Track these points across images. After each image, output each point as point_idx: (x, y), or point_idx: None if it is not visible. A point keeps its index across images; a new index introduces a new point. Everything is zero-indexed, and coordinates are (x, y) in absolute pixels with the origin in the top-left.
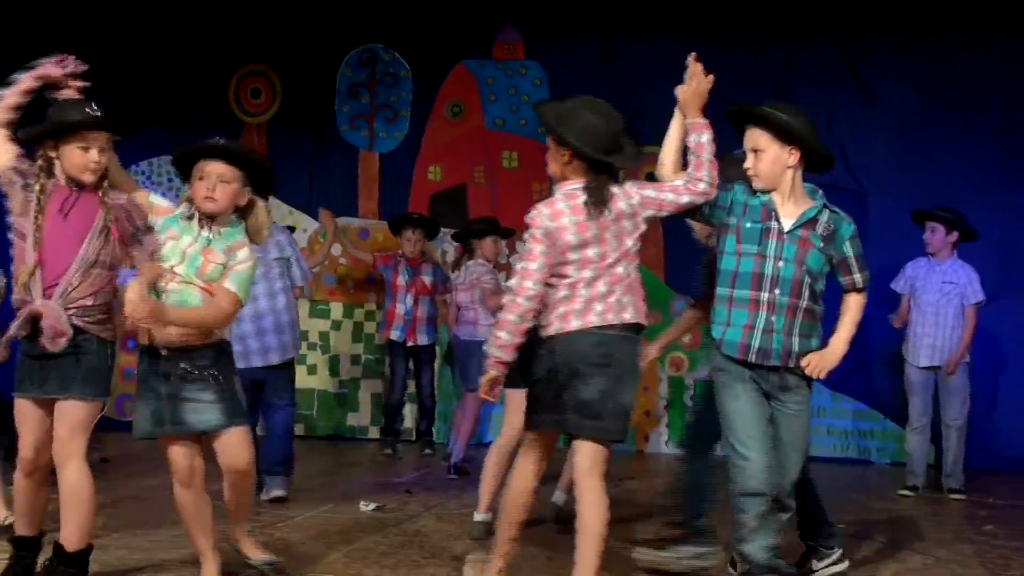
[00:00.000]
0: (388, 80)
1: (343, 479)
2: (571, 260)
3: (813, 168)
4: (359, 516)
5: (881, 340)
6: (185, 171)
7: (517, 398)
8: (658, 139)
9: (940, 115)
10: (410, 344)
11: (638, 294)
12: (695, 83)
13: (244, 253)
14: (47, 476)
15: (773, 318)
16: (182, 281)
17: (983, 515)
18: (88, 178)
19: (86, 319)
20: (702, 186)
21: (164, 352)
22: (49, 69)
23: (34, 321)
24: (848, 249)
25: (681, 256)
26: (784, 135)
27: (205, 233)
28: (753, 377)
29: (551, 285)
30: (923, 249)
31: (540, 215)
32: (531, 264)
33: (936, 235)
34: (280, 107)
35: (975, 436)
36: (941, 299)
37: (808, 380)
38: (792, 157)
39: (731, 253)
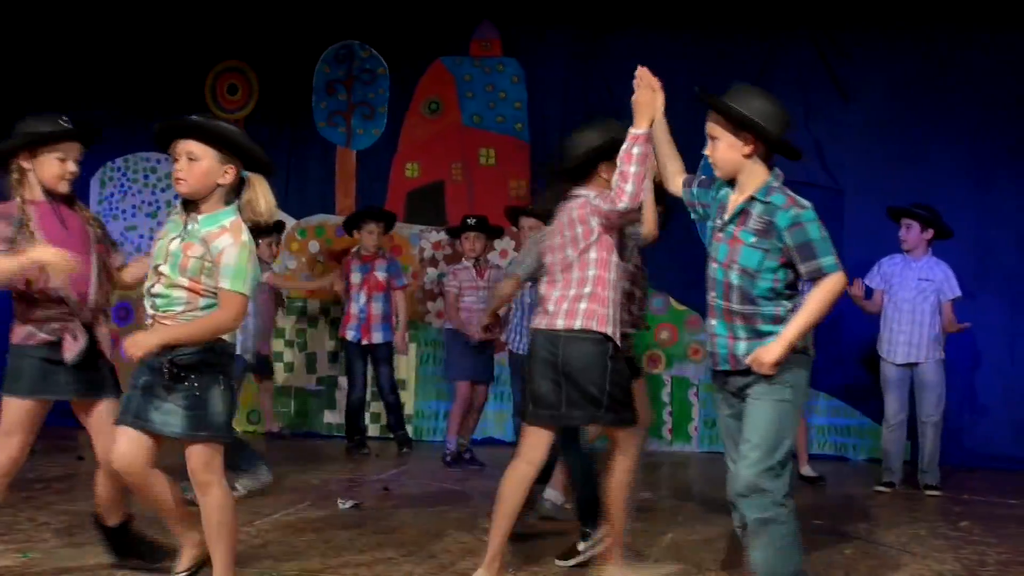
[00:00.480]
0: (365, 77)
1: (320, 477)
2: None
3: (787, 157)
4: (336, 513)
5: (857, 337)
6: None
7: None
8: None
9: (916, 113)
10: (365, 343)
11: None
12: (640, 92)
13: (224, 240)
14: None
15: (714, 322)
16: (168, 283)
17: (958, 511)
18: (64, 188)
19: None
20: (620, 202)
21: None
22: None
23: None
24: (789, 239)
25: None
26: (736, 122)
27: (189, 226)
28: (726, 386)
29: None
30: (899, 247)
31: None
32: None
33: (911, 232)
34: (257, 104)
35: (951, 432)
36: (917, 296)
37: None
38: (747, 146)
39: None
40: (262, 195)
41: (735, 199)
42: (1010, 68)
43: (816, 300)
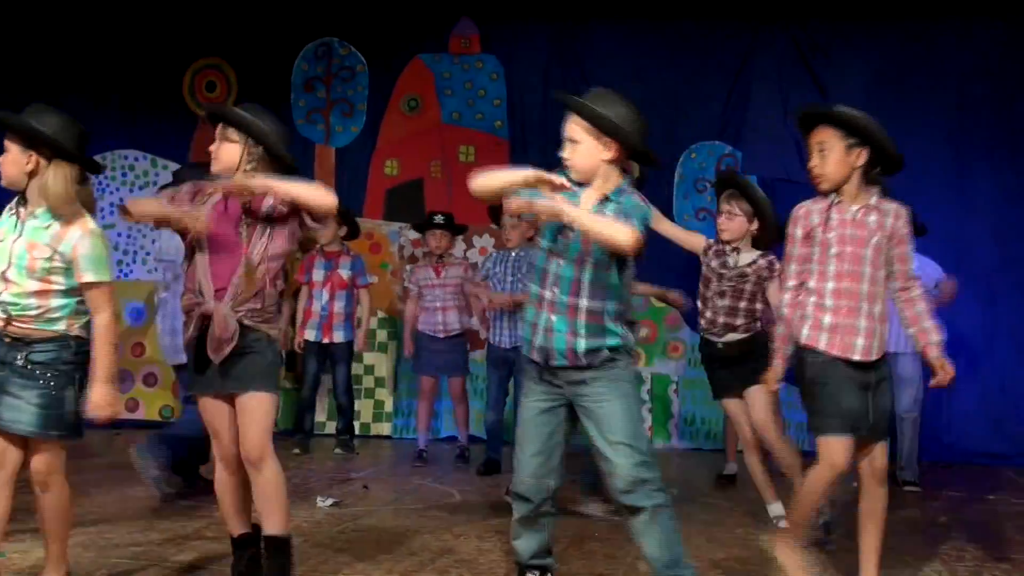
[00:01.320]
0: (344, 74)
1: (300, 475)
2: None
3: (648, 164)
4: (316, 512)
5: None
6: None
7: None
8: None
9: (893, 109)
10: (325, 342)
11: None
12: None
13: (75, 232)
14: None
15: (553, 317)
16: (18, 292)
17: (937, 507)
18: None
19: (255, 318)
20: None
21: (6, 340)
22: None
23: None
24: (635, 217)
25: None
26: (602, 128)
27: (28, 223)
28: (546, 378)
29: None
30: None
31: None
32: None
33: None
34: (235, 101)
35: (929, 428)
36: None
37: (612, 367)
38: (608, 151)
39: (542, 247)
40: (50, 182)
41: (588, 197)
42: (986, 63)
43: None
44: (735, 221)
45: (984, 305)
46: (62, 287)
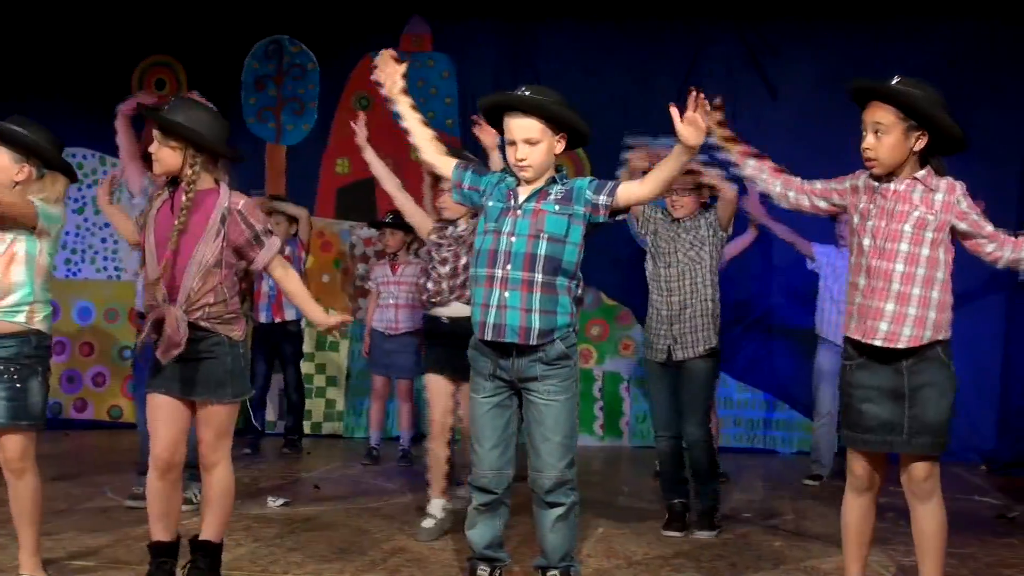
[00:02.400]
0: (295, 72)
1: (249, 475)
2: None
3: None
4: (266, 512)
5: (786, 331)
6: None
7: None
8: None
9: (842, 108)
10: (278, 321)
11: None
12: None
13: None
14: (181, 476)
15: (505, 293)
16: None
17: (885, 502)
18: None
19: (213, 320)
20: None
21: None
22: None
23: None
24: (590, 190)
25: None
26: (555, 121)
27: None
28: (498, 374)
29: None
30: (824, 238)
31: None
32: None
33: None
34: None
35: None
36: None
37: (563, 366)
38: (560, 144)
39: (480, 233)
40: (49, 192)
41: (529, 188)
42: (935, 63)
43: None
44: (688, 198)
45: None
46: (21, 278)
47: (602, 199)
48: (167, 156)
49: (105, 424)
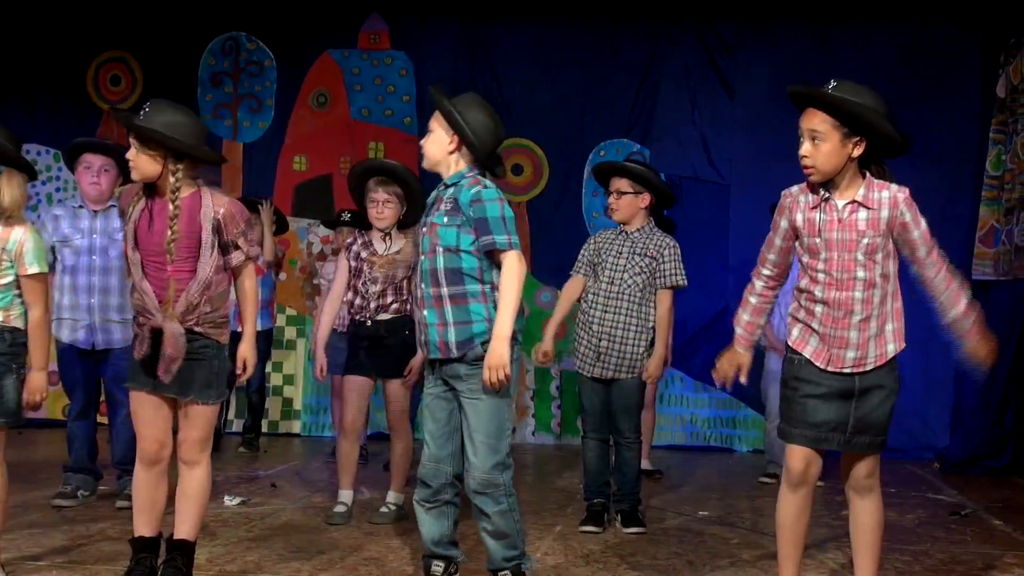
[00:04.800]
0: (252, 69)
1: None
2: None
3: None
4: (223, 511)
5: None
6: None
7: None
8: (523, 130)
9: (793, 107)
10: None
11: None
12: None
13: (19, 230)
14: (167, 470)
15: (423, 312)
16: None
17: (840, 500)
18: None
19: (206, 325)
20: None
21: None
22: None
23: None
24: (471, 211)
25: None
26: (446, 119)
27: None
28: (436, 371)
29: None
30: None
31: None
32: None
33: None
34: (141, 95)
35: None
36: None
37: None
38: (452, 143)
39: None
40: (6, 189)
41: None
42: (881, 66)
43: (511, 275)
44: (623, 200)
45: None
46: (3, 281)
47: (480, 231)
48: (145, 163)
49: (61, 423)
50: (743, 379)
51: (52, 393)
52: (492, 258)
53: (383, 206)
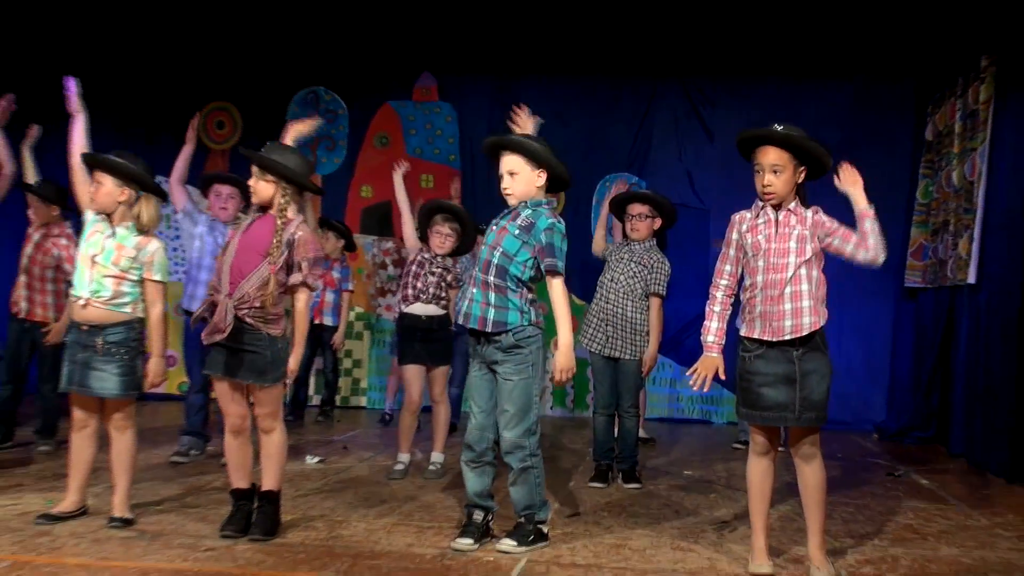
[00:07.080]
0: (328, 116)
1: (292, 438)
2: None
3: (553, 188)
4: (305, 467)
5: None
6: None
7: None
8: None
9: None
10: (316, 322)
11: None
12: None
13: (153, 243)
14: (249, 437)
15: (473, 290)
16: (104, 274)
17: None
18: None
19: (256, 319)
20: None
21: (84, 327)
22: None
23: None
24: (543, 237)
25: None
26: (533, 160)
27: (115, 231)
28: (479, 352)
29: None
30: None
31: None
32: None
33: None
34: (241, 137)
35: None
36: None
37: (516, 354)
38: (541, 178)
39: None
40: (144, 210)
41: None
42: (831, 112)
43: (558, 293)
44: (644, 223)
45: (834, 309)
46: (133, 279)
47: (544, 254)
48: (263, 188)
49: (176, 397)
50: (722, 376)
51: (169, 373)
52: (538, 272)
53: (446, 238)
